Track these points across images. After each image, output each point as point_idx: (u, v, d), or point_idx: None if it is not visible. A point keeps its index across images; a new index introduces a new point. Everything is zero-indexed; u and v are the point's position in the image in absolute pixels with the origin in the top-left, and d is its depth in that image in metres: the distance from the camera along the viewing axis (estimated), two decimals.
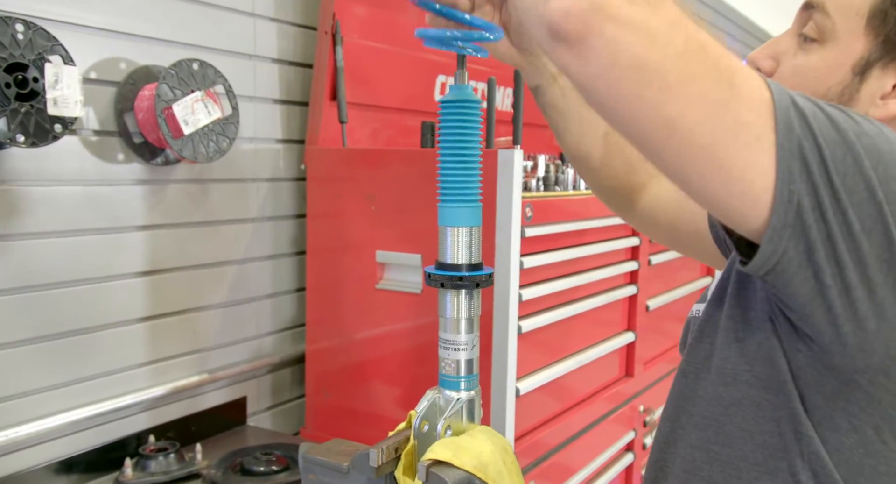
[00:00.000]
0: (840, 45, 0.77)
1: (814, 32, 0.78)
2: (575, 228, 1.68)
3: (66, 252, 1.30)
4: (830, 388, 0.69)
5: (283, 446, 1.47)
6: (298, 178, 1.74)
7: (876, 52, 0.76)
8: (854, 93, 0.77)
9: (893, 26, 0.75)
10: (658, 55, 0.58)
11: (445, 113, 0.96)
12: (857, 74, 0.77)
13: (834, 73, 0.78)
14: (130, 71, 1.37)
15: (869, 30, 0.76)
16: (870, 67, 0.77)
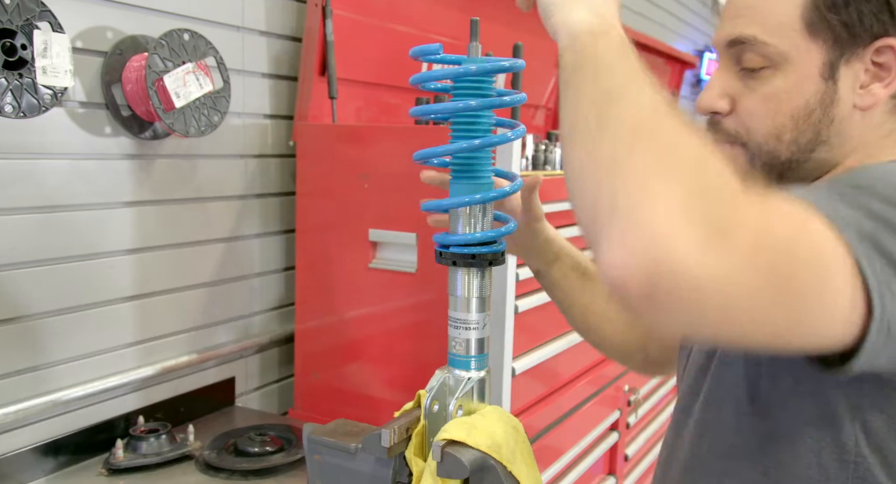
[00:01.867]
0: (795, 62, 0.78)
1: (759, 62, 0.79)
2: (565, 208, 1.67)
3: (51, 228, 1.26)
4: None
5: (275, 427, 1.45)
6: (287, 154, 1.70)
7: (833, 54, 0.77)
8: (833, 95, 0.78)
9: (840, 26, 0.76)
10: (743, 296, 0.53)
11: (459, 87, 0.95)
12: (828, 79, 0.78)
13: (805, 86, 0.78)
14: (117, 40, 1.32)
15: (814, 38, 0.77)
16: (835, 68, 0.77)
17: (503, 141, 0.95)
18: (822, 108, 0.78)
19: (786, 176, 0.81)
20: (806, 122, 0.79)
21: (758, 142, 0.81)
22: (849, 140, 0.79)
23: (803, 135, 0.79)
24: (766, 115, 0.80)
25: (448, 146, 0.94)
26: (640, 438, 2.18)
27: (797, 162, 0.81)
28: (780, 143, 0.80)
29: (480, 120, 0.95)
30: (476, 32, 0.97)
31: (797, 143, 0.80)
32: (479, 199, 0.95)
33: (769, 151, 0.80)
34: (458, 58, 0.97)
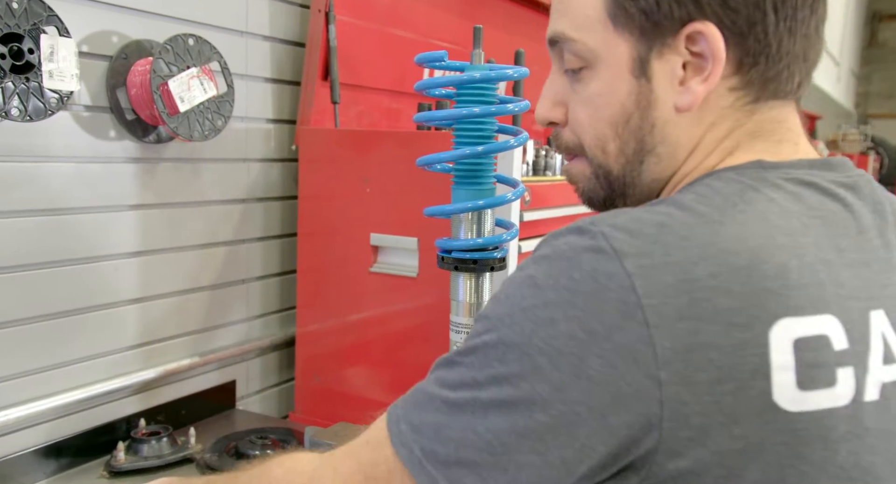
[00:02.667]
0: (605, 59, 0.69)
1: (576, 62, 0.71)
2: (567, 214, 1.68)
3: (54, 231, 1.26)
4: None
5: (276, 430, 1.45)
6: (289, 158, 1.71)
7: (642, 47, 0.67)
8: (649, 94, 0.68)
9: (639, 14, 0.66)
10: None
11: (462, 93, 0.96)
12: (640, 77, 0.68)
13: (618, 87, 0.69)
14: (122, 45, 1.32)
15: (620, 31, 0.68)
16: (646, 64, 0.68)
17: (506, 148, 0.96)
18: (639, 112, 0.69)
19: (626, 193, 0.73)
20: (626, 130, 0.70)
21: (589, 155, 0.74)
22: (679, 147, 0.70)
23: (627, 145, 0.71)
24: (589, 124, 0.72)
25: (452, 152, 0.95)
26: None
27: (630, 176, 0.72)
28: (607, 155, 0.72)
29: (484, 127, 0.96)
30: (479, 40, 0.98)
31: (624, 155, 0.71)
32: (481, 205, 0.97)
33: (600, 165, 0.73)
34: (462, 65, 0.98)
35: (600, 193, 0.75)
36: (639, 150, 0.70)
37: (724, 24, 0.65)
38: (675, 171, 0.71)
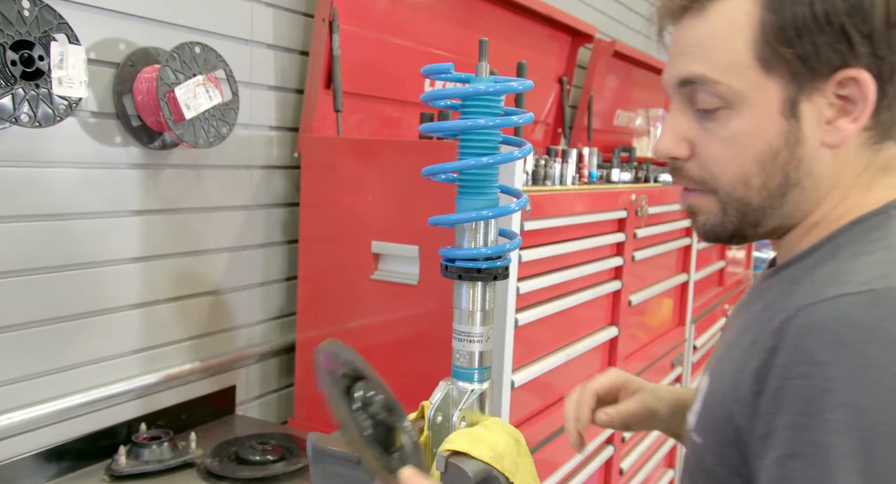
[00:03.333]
0: (752, 101, 0.72)
1: (713, 103, 0.74)
2: (566, 223, 1.70)
3: (60, 235, 1.28)
4: None
5: (276, 436, 1.46)
6: (291, 166, 1.72)
7: (793, 90, 0.71)
8: (797, 133, 0.72)
9: (795, 60, 0.70)
10: None
11: (467, 105, 0.97)
12: (790, 117, 0.72)
13: (766, 127, 0.72)
14: (130, 52, 1.34)
15: (770, 74, 0.71)
16: (796, 105, 0.72)
17: (511, 159, 0.97)
18: (788, 149, 0.73)
19: (761, 223, 0.77)
20: (773, 165, 0.73)
21: (726, 189, 0.76)
22: (823, 180, 0.74)
23: (772, 179, 0.74)
24: (730, 161, 0.75)
25: (458, 163, 0.97)
26: (634, 452, 2.20)
27: (770, 208, 0.76)
28: (749, 188, 0.75)
29: (489, 138, 0.98)
30: (485, 52, 1.00)
31: (767, 189, 0.74)
32: (486, 215, 0.98)
33: (738, 198, 0.76)
34: (467, 77, 0.99)
35: (729, 227, 0.77)
36: (784, 183, 0.74)
37: (873, 70, 0.70)
38: (818, 202, 0.75)
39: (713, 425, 0.74)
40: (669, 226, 2.35)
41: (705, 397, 0.77)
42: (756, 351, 0.68)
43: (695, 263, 2.66)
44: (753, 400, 0.67)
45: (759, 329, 0.71)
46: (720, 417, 0.72)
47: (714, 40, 0.74)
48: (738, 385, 0.69)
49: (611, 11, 3.34)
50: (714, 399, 0.74)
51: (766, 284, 0.79)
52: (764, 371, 0.66)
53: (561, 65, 2.80)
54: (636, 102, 3.53)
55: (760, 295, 0.79)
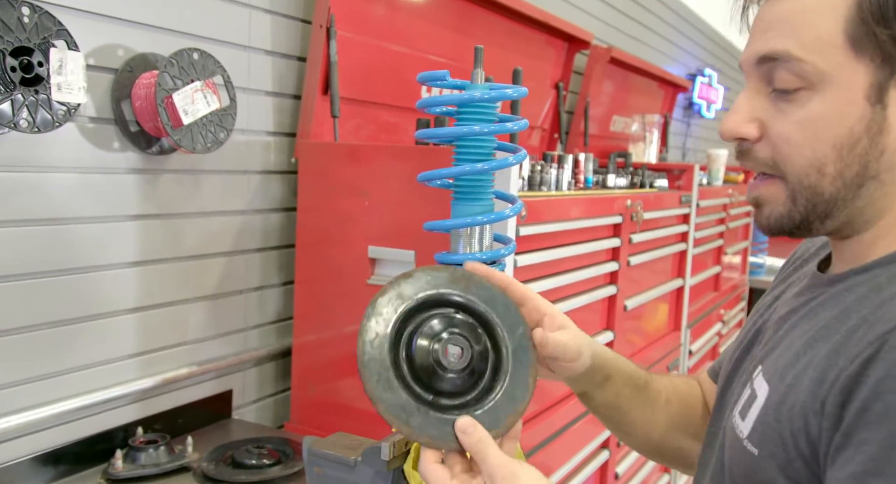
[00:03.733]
0: (836, 82, 0.68)
1: (793, 82, 0.69)
2: (562, 228, 1.71)
3: (59, 240, 1.28)
4: None
5: (272, 440, 1.46)
6: (289, 171, 1.73)
7: (883, 74, 0.67)
8: (882, 121, 0.68)
9: (887, 41, 0.66)
10: None
11: (463, 112, 0.98)
12: (876, 103, 0.67)
13: (849, 112, 0.68)
14: (128, 58, 1.35)
15: (860, 56, 0.67)
16: (885, 90, 0.67)
17: (506, 165, 0.99)
18: (868, 137, 0.68)
19: (831, 215, 0.72)
20: (851, 154, 0.68)
21: (797, 174, 0.71)
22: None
23: (849, 168, 0.69)
24: (804, 144, 0.70)
25: (453, 169, 0.98)
26: (630, 456, 2.21)
27: (843, 200, 0.70)
28: (823, 176, 0.70)
29: (484, 144, 0.99)
30: (480, 60, 1.01)
31: (842, 178, 0.69)
32: (481, 221, 0.99)
33: (810, 186, 0.70)
34: (462, 83, 1.00)
35: (796, 217, 0.73)
36: (861, 174, 0.69)
37: None
38: (894, 201, 0.71)
39: (779, 437, 0.69)
40: (665, 231, 2.36)
41: (766, 406, 0.71)
42: (844, 362, 0.64)
43: (690, 268, 2.67)
44: (837, 412, 0.63)
45: (842, 338, 0.66)
46: (789, 429, 0.67)
47: (803, 15, 0.69)
48: (817, 396, 0.65)
49: (607, 17, 3.35)
50: (782, 409, 0.69)
51: (836, 290, 0.73)
52: (854, 382, 0.62)
53: (557, 71, 2.81)
54: (633, 108, 3.54)
55: (830, 300, 0.73)
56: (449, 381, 0.73)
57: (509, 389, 0.74)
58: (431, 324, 0.74)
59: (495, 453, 0.69)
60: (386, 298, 0.76)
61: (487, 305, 0.76)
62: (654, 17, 3.98)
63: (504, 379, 0.74)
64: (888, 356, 0.60)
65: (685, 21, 4.50)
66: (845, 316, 0.69)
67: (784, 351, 0.74)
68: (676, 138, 4.53)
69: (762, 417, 0.71)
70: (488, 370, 0.75)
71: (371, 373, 0.72)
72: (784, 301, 0.83)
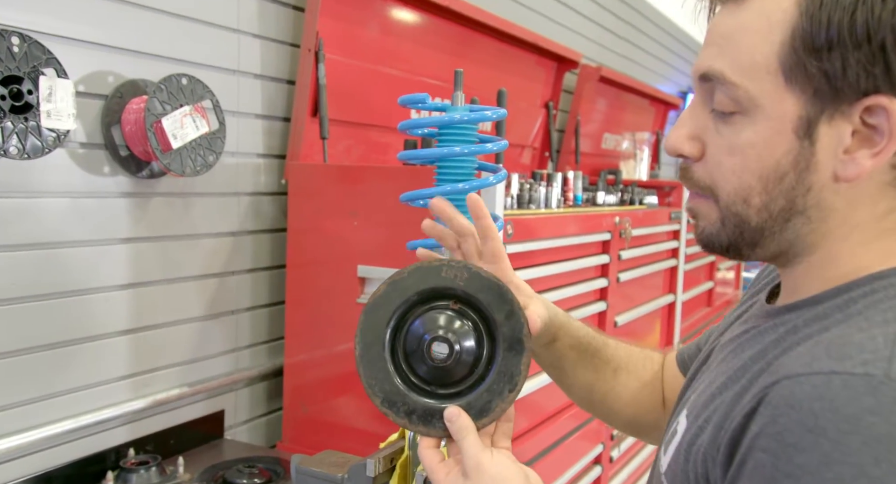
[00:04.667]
0: (766, 111, 0.65)
1: (729, 106, 0.67)
2: (550, 246, 1.73)
3: (50, 264, 1.30)
4: None
5: (263, 459, 1.47)
6: (279, 192, 1.75)
7: (812, 109, 0.63)
8: (810, 157, 0.64)
9: (819, 76, 0.62)
10: None
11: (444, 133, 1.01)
12: (804, 137, 0.64)
13: (776, 144, 0.65)
14: (118, 84, 1.37)
15: (791, 86, 0.64)
16: (814, 126, 0.64)
17: (485, 185, 1.01)
18: (796, 173, 0.65)
19: (759, 244, 0.70)
20: (777, 188, 0.66)
21: (725, 201, 0.69)
22: (832, 214, 0.66)
23: (774, 202, 0.67)
24: (733, 172, 0.68)
25: (433, 189, 1.00)
26: (623, 472, 2.21)
27: (770, 231, 0.68)
28: (749, 207, 0.68)
29: (464, 164, 1.01)
30: (460, 82, 1.03)
31: (768, 210, 0.67)
32: None
33: (737, 214, 0.69)
34: (443, 105, 1.02)
35: (724, 240, 0.71)
36: (787, 208, 0.67)
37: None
38: (827, 237, 0.68)
39: (685, 477, 0.69)
40: (656, 247, 2.38)
41: (680, 445, 0.71)
42: (738, 410, 0.63)
43: (682, 284, 2.68)
44: (726, 461, 0.62)
45: (746, 383, 0.66)
46: (693, 471, 0.67)
47: (743, 34, 0.66)
48: (715, 442, 0.65)
49: (597, 37, 3.40)
50: (689, 450, 0.69)
51: (765, 326, 0.72)
52: (739, 435, 0.61)
53: (547, 90, 2.85)
54: (624, 126, 3.58)
55: (757, 337, 0.72)
56: (442, 373, 0.76)
57: (501, 377, 0.77)
58: (424, 319, 0.77)
59: (469, 442, 0.71)
60: (381, 296, 0.79)
61: (482, 294, 0.78)
62: (644, 36, 4.03)
63: (496, 367, 0.77)
64: (763, 412, 0.59)
65: (675, 39, 4.56)
66: (760, 357, 0.67)
67: (707, 387, 0.74)
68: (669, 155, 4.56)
69: (675, 456, 0.72)
70: (483, 358, 0.78)
71: (368, 366, 0.76)
72: (734, 326, 0.83)
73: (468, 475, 0.71)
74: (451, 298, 0.79)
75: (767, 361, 0.66)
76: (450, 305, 0.79)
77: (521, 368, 0.78)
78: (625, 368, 1.02)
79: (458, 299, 0.80)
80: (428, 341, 0.76)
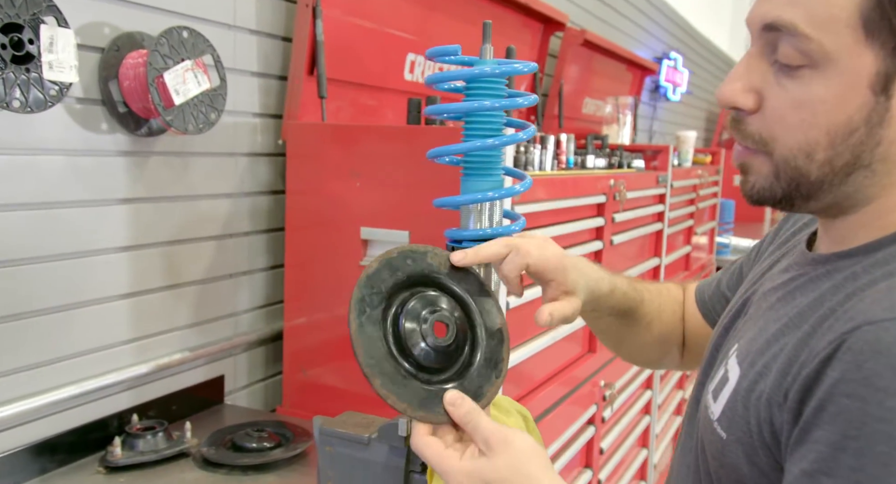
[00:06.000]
0: (841, 66, 0.63)
1: (797, 59, 0.65)
2: (550, 208, 1.72)
3: (48, 225, 1.25)
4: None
5: (269, 423, 1.45)
6: (276, 153, 1.71)
7: (892, 63, 0.63)
8: (884, 112, 0.64)
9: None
10: None
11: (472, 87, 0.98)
12: (880, 93, 0.63)
13: (849, 99, 0.64)
14: (115, 37, 1.31)
15: (871, 41, 0.62)
16: (892, 81, 0.63)
17: (516, 140, 0.99)
18: (867, 128, 0.64)
19: (814, 197, 0.70)
20: (845, 143, 0.65)
21: (784, 156, 0.68)
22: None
23: (840, 157, 0.66)
24: (798, 127, 0.66)
25: (464, 144, 0.97)
26: (613, 431, 2.24)
27: (830, 184, 0.68)
28: (811, 161, 0.67)
29: (494, 120, 0.99)
30: (488, 35, 1.01)
31: (831, 165, 0.67)
32: (492, 197, 0.99)
33: (796, 168, 0.68)
34: (471, 59, 1.00)
35: (778, 193, 0.71)
36: (852, 163, 0.66)
37: None
38: (883, 189, 0.68)
39: (744, 424, 0.69)
40: (644, 211, 2.39)
41: (736, 392, 0.71)
42: (807, 357, 0.63)
43: (665, 247, 2.71)
44: (797, 407, 0.62)
45: (810, 329, 0.66)
46: (755, 417, 0.67)
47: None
48: (781, 387, 0.65)
49: (580, 1, 3.37)
50: (748, 397, 0.69)
51: (817, 273, 0.72)
52: (813, 381, 0.61)
53: (533, 53, 2.82)
54: (604, 91, 3.57)
55: (809, 284, 0.72)
56: (434, 357, 0.75)
57: (487, 363, 0.78)
58: (414, 303, 0.77)
59: (487, 422, 0.71)
60: (373, 275, 0.78)
61: (462, 285, 0.80)
62: (621, 1, 4.01)
63: (481, 353, 0.78)
64: (844, 358, 0.59)
65: (650, 4, 4.54)
66: (818, 304, 0.68)
67: (759, 334, 0.74)
68: (643, 121, 4.58)
69: (731, 403, 0.72)
70: (467, 345, 0.78)
71: (365, 350, 0.74)
72: (772, 274, 0.83)
73: (494, 450, 0.68)
74: (432, 286, 0.80)
75: (830, 307, 0.66)
76: (432, 292, 0.79)
77: (503, 355, 0.79)
78: (657, 318, 1.06)
79: (439, 287, 0.80)
80: (431, 320, 0.75)
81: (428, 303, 0.77)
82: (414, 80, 2.06)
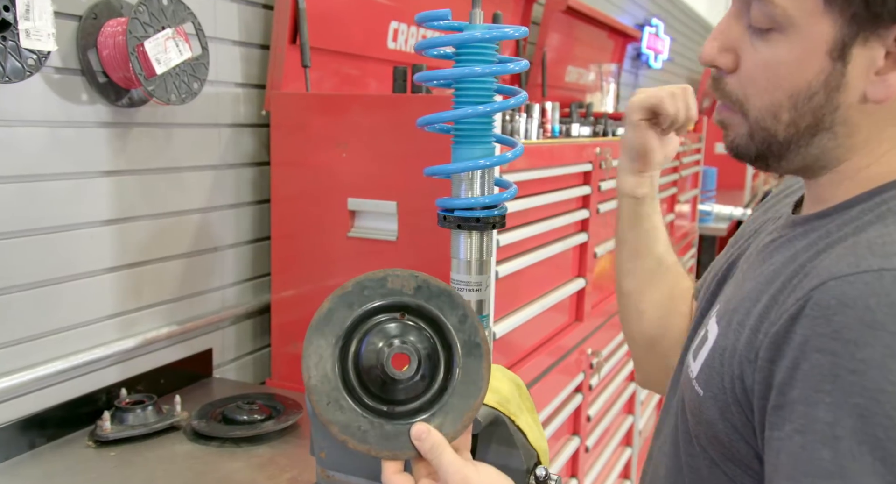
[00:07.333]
0: (802, 31, 0.66)
1: (764, 22, 0.68)
2: (537, 177, 1.71)
3: (28, 198, 1.22)
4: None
5: (259, 396, 1.45)
6: (260, 124, 1.68)
7: (848, 31, 0.65)
8: (840, 77, 0.66)
9: (859, 1, 0.63)
10: None
11: (462, 53, 0.97)
12: (837, 59, 0.66)
13: (808, 63, 0.67)
14: (92, 4, 1.28)
15: (829, 8, 0.64)
16: (848, 47, 0.65)
17: (508, 106, 0.97)
18: (825, 93, 0.67)
19: (785, 158, 0.72)
20: (806, 106, 0.68)
21: (755, 116, 0.71)
22: (857, 131, 0.69)
23: (802, 118, 0.69)
24: (765, 88, 0.70)
25: (455, 111, 0.96)
26: (600, 398, 2.27)
27: (797, 145, 0.71)
28: (778, 122, 0.70)
29: (484, 86, 0.97)
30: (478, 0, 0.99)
31: (796, 126, 0.70)
32: (483, 164, 0.98)
33: (765, 128, 0.71)
34: (461, 25, 0.98)
35: (752, 151, 0.74)
36: (814, 125, 0.69)
37: None
38: (849, 151, 0.70)
39: (719, 381, 0.70)
40: None
41: (713, 349, 0.73)
42: (777, 313, 0.64)
43: None
44: (767, 366, 0.63)
45: (781, 286, 0.67)
46: (729, 374, 0.69)
47: None
48: (752, 345, 0.66)
49: None
50: (724, 354, 0.70)
51: (795, 233, 0.74)
52: (782, 339, 0.62)
53: (516, 21, 2.79)
54: (586, 59, 3.55)
55: (786, 244, 0.74)
56: (401, 390, 0.72)
57: (464, 385, 0.73)
58: (376, 334, 0.73)
59: (448, 459, 0.69)
60: (325, 316, 0.74)
61: (433, 302, 0.75)
62: None
63: (457, 375, 0.74)
64: (812, 314, 0.60)
65: None
66: (791, 262, 0.69)
67: (736, 292, 0.75)
68: (625, 89, 4.57)
69: (709, 360, 0.73)
70: (441, 368, 0.74)
71: (320, 396, 0.70)
72: (758, 239, 0.84)
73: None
74: (399, 310, 0.75)
75: (800, 263, 0.67)
76: (397, 317, 0.75)
77: (482, 373, 0.74)
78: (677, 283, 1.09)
79: (407, 310, 0.75)
80: (387, 355, 0.71)
81: (385, 336, 0.72)
82: (397, 49, 2.04)
